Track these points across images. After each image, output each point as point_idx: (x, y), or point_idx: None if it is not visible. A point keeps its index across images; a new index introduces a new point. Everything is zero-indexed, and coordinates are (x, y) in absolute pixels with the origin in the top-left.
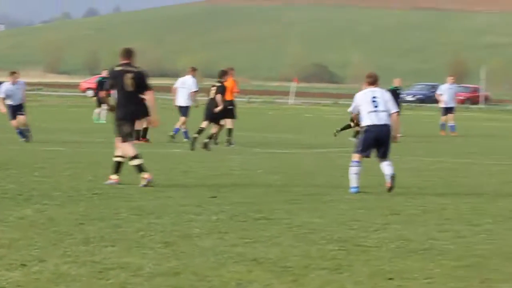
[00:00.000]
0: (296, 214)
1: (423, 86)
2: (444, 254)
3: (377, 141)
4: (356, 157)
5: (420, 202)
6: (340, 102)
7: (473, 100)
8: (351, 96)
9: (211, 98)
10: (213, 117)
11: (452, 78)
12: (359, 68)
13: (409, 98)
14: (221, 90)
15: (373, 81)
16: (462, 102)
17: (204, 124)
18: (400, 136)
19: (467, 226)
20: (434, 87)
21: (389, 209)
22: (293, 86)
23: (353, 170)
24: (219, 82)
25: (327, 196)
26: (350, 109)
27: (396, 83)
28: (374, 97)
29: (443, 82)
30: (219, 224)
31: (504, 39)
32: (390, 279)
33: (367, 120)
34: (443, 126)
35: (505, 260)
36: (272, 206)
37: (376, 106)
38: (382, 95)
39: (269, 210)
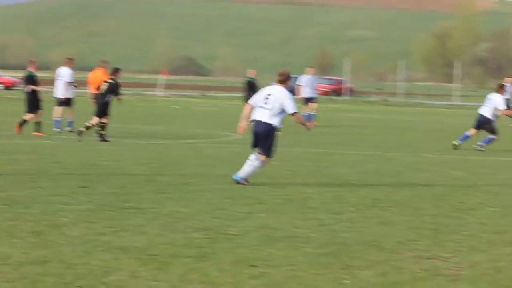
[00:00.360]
0: (163, 203)
1: None
2: (307, 242)
3: (255, 135)
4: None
5: (285, 191)
6: (208, 94)
7: (338, 92)
8: (218, 88)
9: (101, 93)
10: (102, 111)
11: (311, 69)
12: (226, 61)
13: None
14: (114, 87)
15: (282, 80)
16: (327, 93)
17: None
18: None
19: (330, 214)
20: None
21: (254, 198)
22: (162, 78)
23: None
24: (112, 79)
25: (194, 185)
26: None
27: (250, 74)
28: (268, 94)
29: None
30: (87, 213)
31: (367, 33)
32: (254, 266)
33: (254, 114)
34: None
35: (366, 247)
36: (139, 196)
37: (265, 103)
38: (278, 94)
39: (136, 200)
